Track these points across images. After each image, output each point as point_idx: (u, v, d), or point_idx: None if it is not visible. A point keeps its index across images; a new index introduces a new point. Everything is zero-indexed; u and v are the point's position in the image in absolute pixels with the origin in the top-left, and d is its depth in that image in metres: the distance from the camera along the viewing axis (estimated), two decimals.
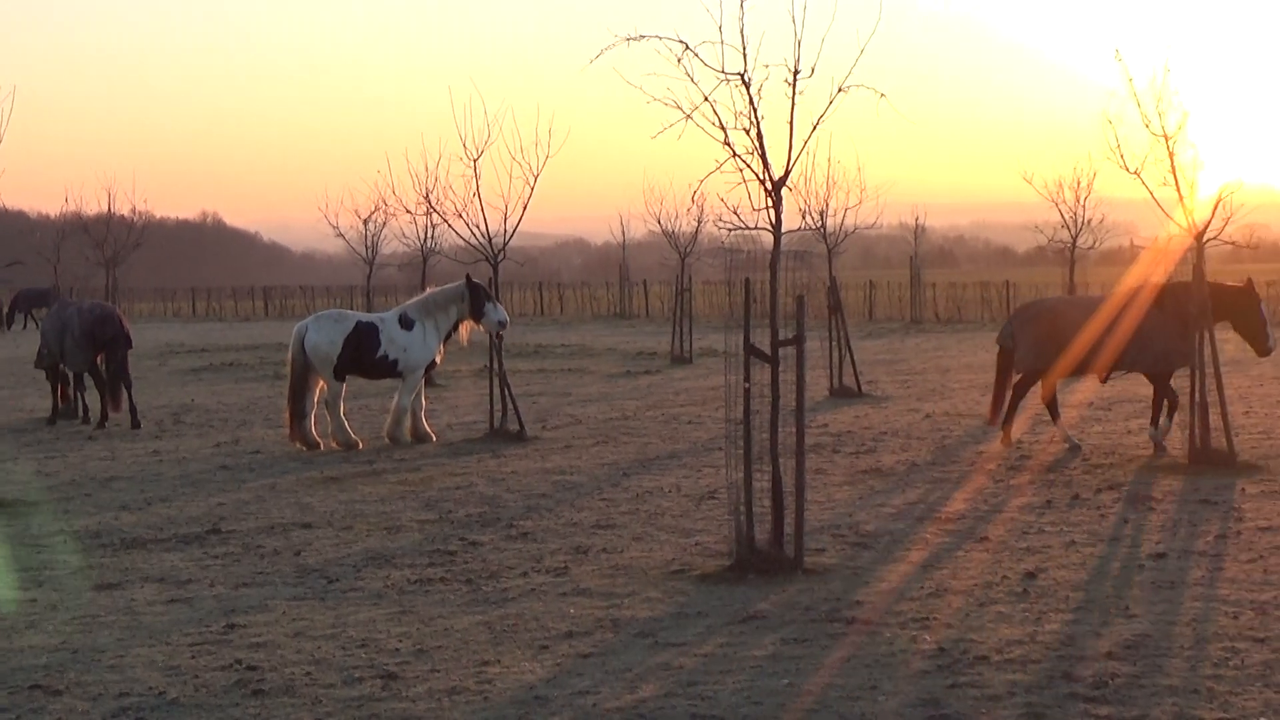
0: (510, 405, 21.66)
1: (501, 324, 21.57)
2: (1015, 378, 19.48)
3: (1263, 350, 19.02)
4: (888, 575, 11.85)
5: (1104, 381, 20.03)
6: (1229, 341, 18.49)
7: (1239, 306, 18.73)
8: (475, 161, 21.56)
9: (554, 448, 20.47)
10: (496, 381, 21.88)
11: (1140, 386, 27.44)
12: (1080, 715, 8.17)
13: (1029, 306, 20.36)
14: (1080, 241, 34.08)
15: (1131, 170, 17.59)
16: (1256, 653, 9.32)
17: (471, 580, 12.13)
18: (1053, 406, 19.45)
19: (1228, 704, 8.29)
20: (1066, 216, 33.55)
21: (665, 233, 40.92)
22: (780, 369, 11.96)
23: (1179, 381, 18.38)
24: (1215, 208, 17.66)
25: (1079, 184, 32.97)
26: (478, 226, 21.97)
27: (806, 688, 8.80)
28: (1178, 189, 17.24)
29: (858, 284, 62.33)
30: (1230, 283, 19.47)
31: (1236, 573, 11.66)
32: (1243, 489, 15.52)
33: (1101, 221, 34.81)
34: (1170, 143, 17.11)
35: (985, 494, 15.72)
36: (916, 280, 59.32)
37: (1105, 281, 52.18)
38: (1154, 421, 18.71)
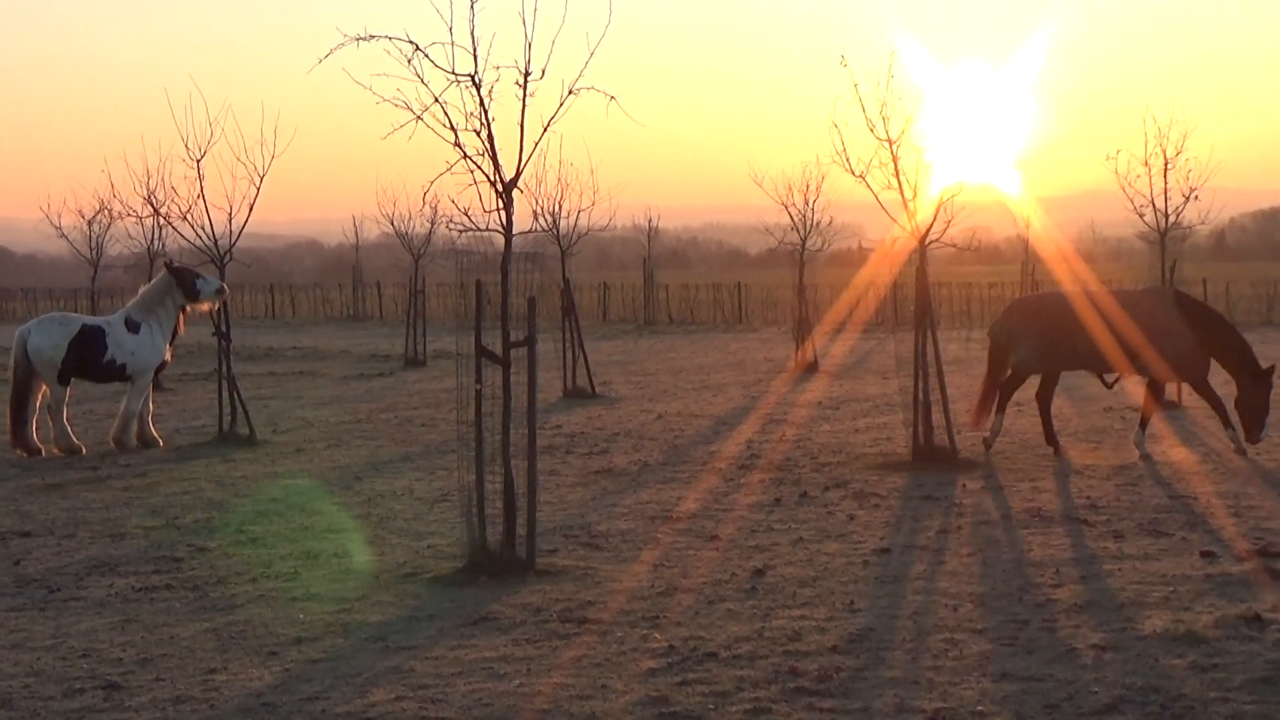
0: (240, 409, 21.33)
1: (220, 291, 21.34)
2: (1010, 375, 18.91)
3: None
4: (619, 575, 11.92)
5: (1110, 386, 19.39)
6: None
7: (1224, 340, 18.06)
8: (198, 162, 21.18)
9: (285, 452, 20.21)
10: (226, 385, 21.53)
11: (866, 386, 28.05)
12: (805, 709, 8.31)
13: (1030, 302, 19.55)
14: (809, 243, 34.53)
15: (857, 174, 17.97)
16: (975, 643, 9.59)
17: (199, 587, 11.91)
18: (1046, 409, 18.73)
19: (947, 694, 8.51)
20: (796, 219, 33.95)
21: (398, 234, 40.60)
22: (512, 370, 11.96)
23: (903, 381, 18.76)
24: (937, 211, 18.11)
25: (808, 187, 33.41)
26: (203, 228, 21.57)
27: (538, 688, 8.81)
28: (901, 192, 17.65)
29: (592, 285, 62.68)
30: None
31: (957, 566, 11.98)
32: (963, 485, 15.96)
33: (830, 224, 35.28)
34: (894, 147, 17.51)
35: (716, 493, 15.92)
36: (650, 282, 59.85)
37: (834, 283, 53.35)
38: (1225, 424, 17.95)
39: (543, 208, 28.05)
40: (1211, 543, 12.59)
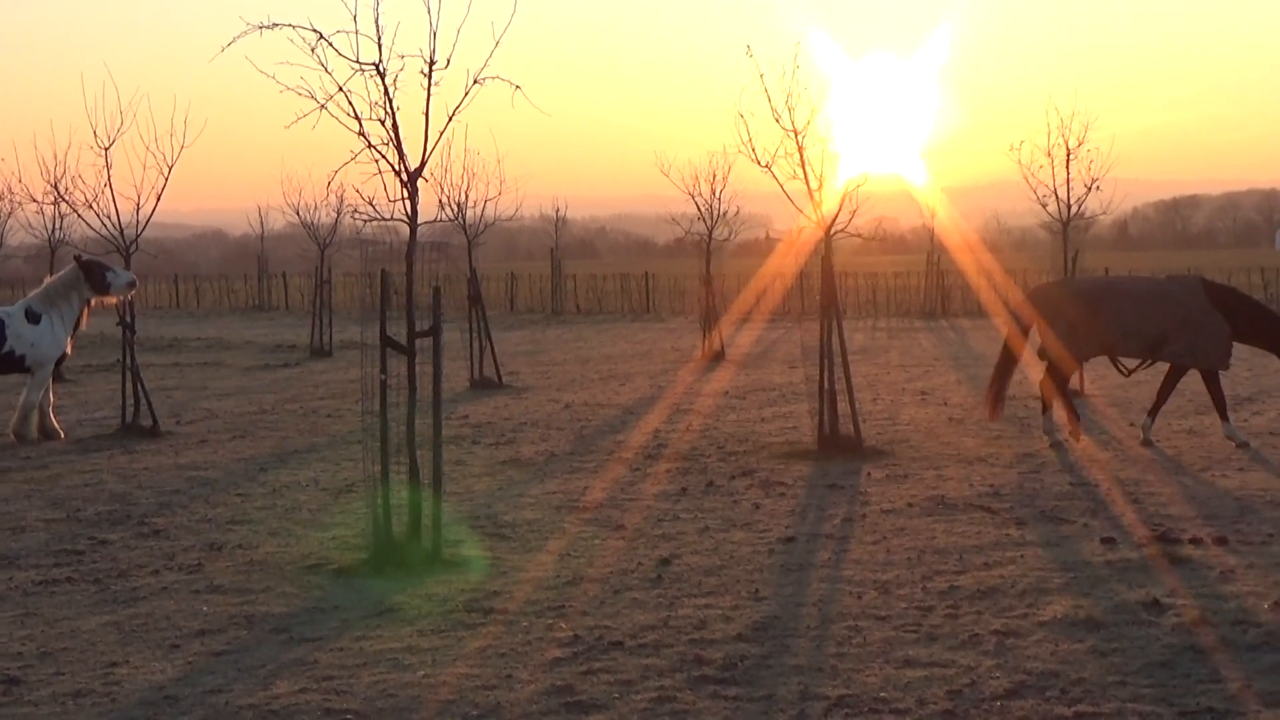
0: (143, 400, 21.13)
1: (130, 284, 21.13)
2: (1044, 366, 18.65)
3: None
4: (525, 565, 11.91)
5: (1129, 374, 18.97)
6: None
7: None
8: (107, 150, 20.95)
9: (188, 443, 20.05)
10: (129, 376, 21.32)
11: (772, 375, 28.16)
12: (710, 697, 8.34)
13: (1053, 288, 19.27)
14: (716, 233, 34.58)
15: (762, 165, 18.03)
16: (878, 630, 9.65)
17: (100, 580, 11.80)
18: (1051, 394, 18.55)
19: (850, 680, 8.56)
20: (703, 209, 33.99)
21: (304, 224, 40.33)
22: (417, 360, 11.92)
23: (809, 371, 18.86)
24: (842, 201, 18.20)
25: (714, 177, 33.46)
26: (109, 217, 21.34)
27: (442, 679, 8.80)
28: (806, 183, 17.73)
29: (499, 275, 62.61)
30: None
31: (861, 554, 12.06)
32: (868, 474, 16.07)
33: (737, 214, 35.37)
34: (799, 137, 17.58)
35: (622, 483, 15.93)
36: (557, 272, 59.83)
37: (741, 273, 53.50)
38: (1223, 417, 17.75)
39: (449, 197, 27.97)
40: (1112, 529, 12.74)
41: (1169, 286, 18.14)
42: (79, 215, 22.85)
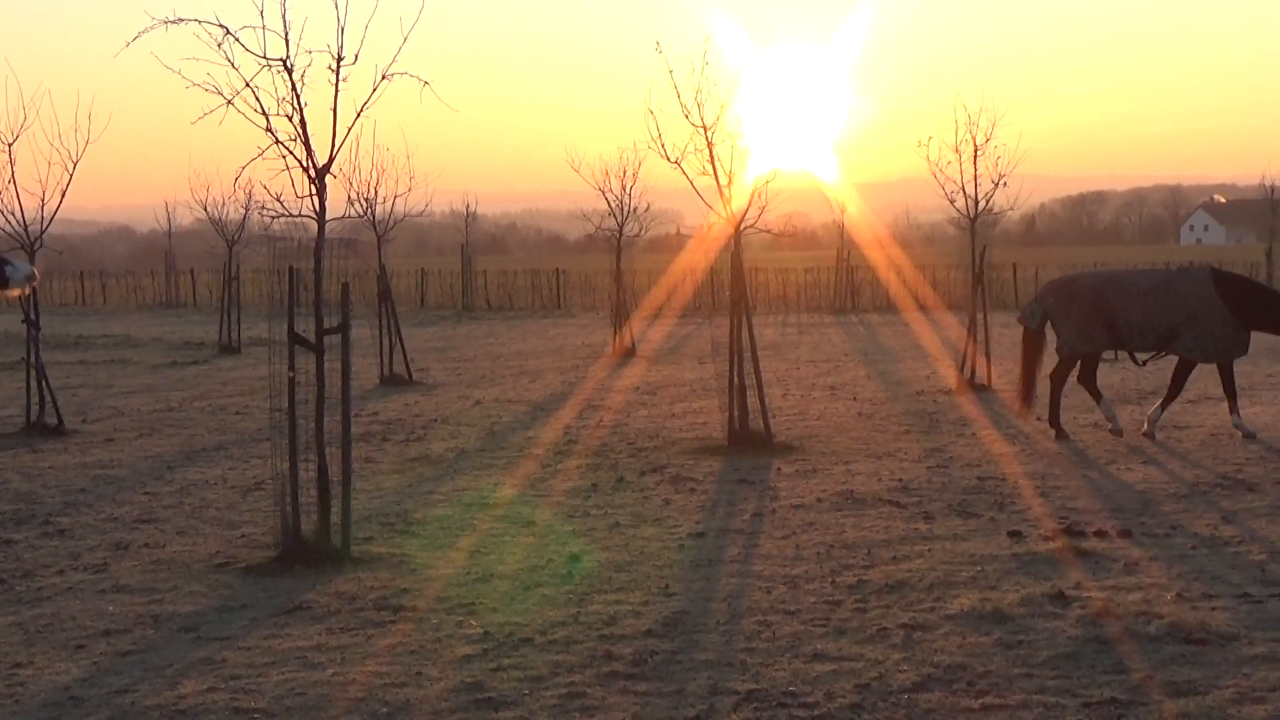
0: (48, 398, 20.91)
1: (30, 277, 20.83)
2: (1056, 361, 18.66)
3: None
4: (435, 562, 11.88)
5: (1143, 365, 19.01)
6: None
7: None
8: (10, 146, 20.70)
9: (95, 441, 19.86)
10: (34, 374, 21.09)
11: (683, 371, 28.21)
12: (620, 693, 8.35)
13: (1065, 284, 19.01)
14: (627, 229, 34.62)
15: (672, 161, 18.06)
16: (787, 625, 9.70)
17: (4, 580, 11.66)
18: (1093, 388, 18.61)
19: (759, 675, 8.59)
20: (613, 205, 34.02)
21: (212, 220, 40.04)
22: (326, 357, 11.87)
23: (720, 366, 18.90)
24: (752, 197, 18.25)
25: (625, 173, 33.49)
26: (13, 213, 21.09)
27: (352, 677, 8.76)
28: (716, 179, 17.76)
29: (410, 271, 62.39)
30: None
31: (771, 549, 12.11)
32: (778, 468, 16.13)
33: (648, 210, 35.43)
34: (709, 133, 17.62)
35: (533, 479, 15.92)
36: (468, 268, 59.69)
37: (652, 269, 53.58)
38: (1233, 410, 17.88)
39: (358, 193, 27.80)
40: (1019, 523, 12.86)
41: (1175, 280, 18.11)
42: None
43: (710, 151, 17.63)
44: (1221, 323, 17.57)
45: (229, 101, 11.91)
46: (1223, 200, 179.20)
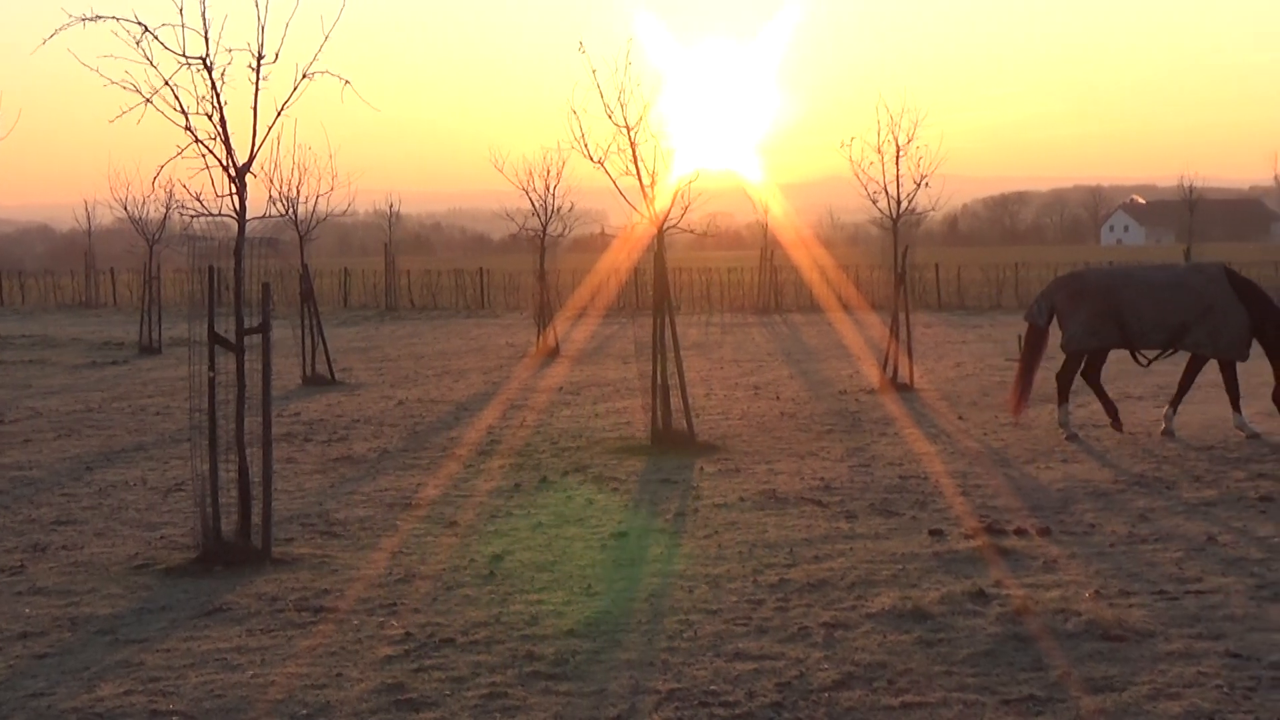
0: None
1: None
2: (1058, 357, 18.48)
3: None
4: (357, 563, 11.83)
5: (1148, 365, 18.74)
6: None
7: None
8: None
9: (12, 442, 19.65)
10: None
11: (607, 371, 28.21)
12: (541, 693, 8.34)
13: (1074, 279, 18.78)
14: (551, 229, 34.57)
15: (595, 160, 18.05)
16: (709, 624, 9.71)
17: None
18: (1068, 389, 18.35)
19: (681, 674, 8.61)
20: (537, 205, 33.96)
21: (132, 220, 39.70)
22: (247, 357, 11.80)
23: (643, 366, 18.92)
24: (675, 197, 18.27)
25: (549, 172, 33.45)
26: None
27: (272, 679, 8.71)
28: (639, 178, 17.76)
29: (333, 271, 62.13)
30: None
31: (693, 548, 12.12)
32: (701, 468, 16.16)
33: (571, 209, 35.39)
34: (632, 133, 17.62)
35: (456, 479, 15.88)
36: (392, 267, 59.47)
37: (576, 269, 53.57)
38: (1235, 408, 17.76)
39: (280, 193, 27.65)
40: (940, 521, 12.93)
41: (1189, 276, 18.08)
42: None
43: (633, 151, 17.63)
44: (1236, 318, 17.53)
45: (148, 100, 11.82)
46: (1142, 201, 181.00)
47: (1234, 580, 10.57)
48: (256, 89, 11.75)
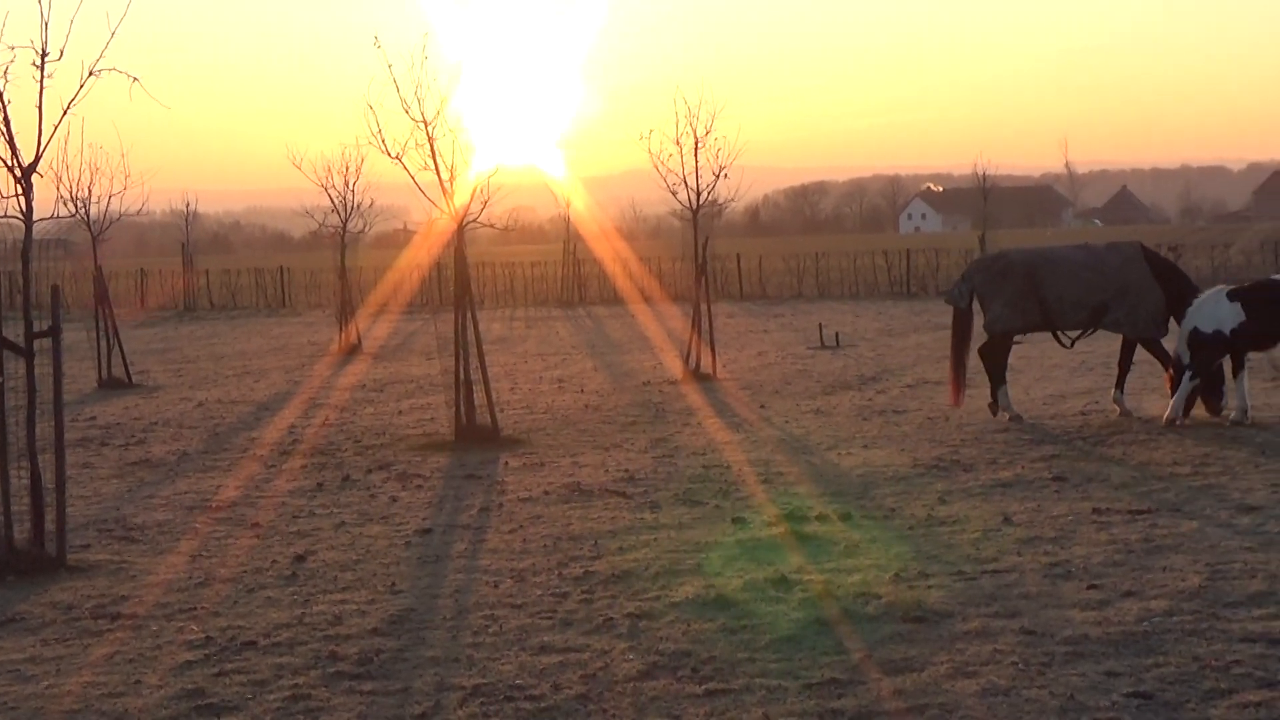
0: None
1: None
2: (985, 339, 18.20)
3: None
4: (156, 568, 11.64)
5: (1071, 346, 18.72)
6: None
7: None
8: None
9: None
10: None
11: (410, 367, 28.07)
12: (345, 693, 8.27)
13: (995, 260, 18.69)
14: (351, 226, 34.28)
15: (393, 156, 17.90)
16: (514, 618, 9.70)
17: None
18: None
19: (486, 669, 8.58)
20: (336, 201, 33.64)
21: None
22: (36, 361, 11.55)
23: (446, 362, 18.84)
24: (475, 192, 18.22)
25: (347, 169, 33.15)
26: None
27: (67, 688, 8.53)
28: (438, 174, 17.66)
29: (129, 272, 61.01)
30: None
31: (498, 543, 12.11)
32: (506, 463, 16.14)
33: (371, 206, 35.10)
34: (429, 128, 17.51)
35: (257, 480, 15.70)
36: (190, 267, 58.56)
37: (378, 265, 53.19)
38: (1119, 385, 17.87)
39: (70, 193, 27.05)
40: (742, 510, 13.05)
41: (1107, 255, 18.14)
42: None
43: (431, 146, 17.53)
44: (1152, 296, 17.62)
45: None
46: (938, 189, 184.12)
47: (1028, 559, 10.80)
48: (41, 87, 11.53)
